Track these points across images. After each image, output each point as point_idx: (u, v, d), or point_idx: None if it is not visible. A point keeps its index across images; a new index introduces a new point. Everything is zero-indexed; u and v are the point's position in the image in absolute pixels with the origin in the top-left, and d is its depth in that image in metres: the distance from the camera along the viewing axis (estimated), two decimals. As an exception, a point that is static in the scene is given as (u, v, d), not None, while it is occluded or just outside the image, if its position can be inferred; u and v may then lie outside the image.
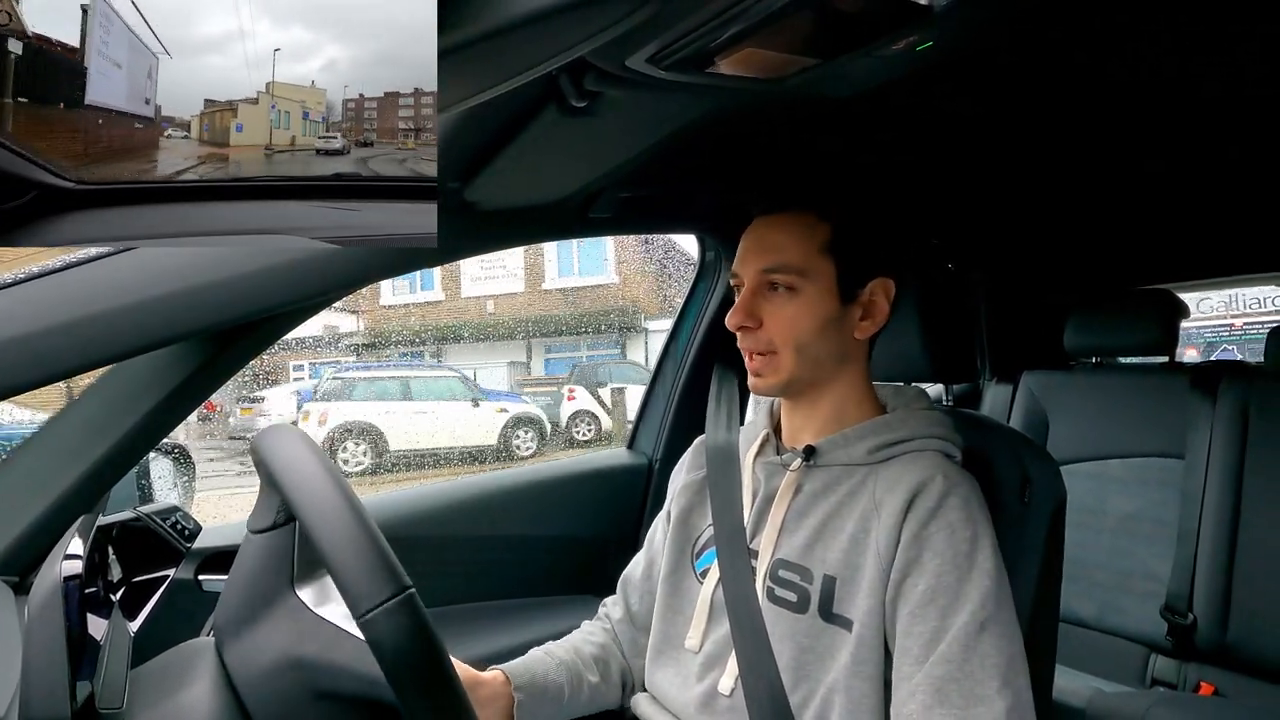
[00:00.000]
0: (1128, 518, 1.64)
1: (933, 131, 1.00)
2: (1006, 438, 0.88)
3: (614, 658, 0.95)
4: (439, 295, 10.79)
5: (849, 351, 0.83)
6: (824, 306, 0.79)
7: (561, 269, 10.63)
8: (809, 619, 0.76)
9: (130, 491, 0.93)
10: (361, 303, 10.45)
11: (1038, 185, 1.34)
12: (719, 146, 0.94)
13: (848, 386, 0.84)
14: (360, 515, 0.52)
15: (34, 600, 0.47)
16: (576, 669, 0.90)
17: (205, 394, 0.88)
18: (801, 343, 0.79)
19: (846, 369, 0.83)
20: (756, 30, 0.54)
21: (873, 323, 0.82)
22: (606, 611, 1.00)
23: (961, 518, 0.72)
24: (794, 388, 0.82)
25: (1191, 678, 1.52)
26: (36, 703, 0.44)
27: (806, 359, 0.80)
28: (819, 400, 0.84)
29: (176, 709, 0.58)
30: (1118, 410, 1.70)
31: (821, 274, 0.79)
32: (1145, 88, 0.88)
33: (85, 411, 0.85)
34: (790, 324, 0.79)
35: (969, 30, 0.59)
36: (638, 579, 0.97)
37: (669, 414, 1.50)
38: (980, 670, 0.66)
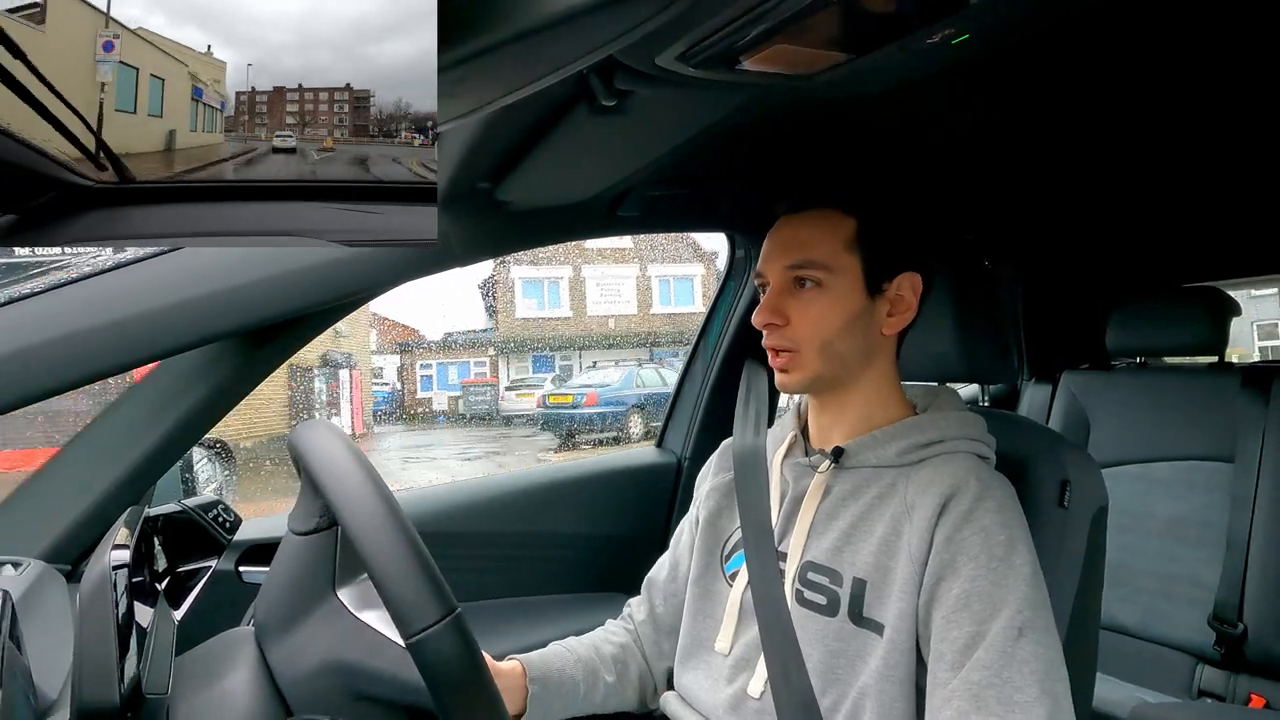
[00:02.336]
0: (1174, 522, 1.59)
1: (967, 125, 0.97)
2: (1045, 439, 0.85)
3: (633, 659, 0.95)
4: (567, 313, 13.81)
5: (875, 348, 0.81)
6: (850, 302, 0.78)
7: (662, 299, 14.58)
8: (839, 622, 0.75)
9: (174, 485, 0.96)
10: (499, 315, 13.46)
11: (1077, 178, 1.31)
12: (748, 144, 0.94)
13: (876, 385, 0.82)
14: (407, 530, 0.53)
15: (85, 588, 0.49)
16: (594, 666, 0.90)
17: (245, 391, 0.90)
18: (827, 339, 0.78)
19: (874, 366, 0.82)
20: (787, 26, 0.53)
21: (900, 318, 0.81)
22: (630, 612, 1.00)
23: (996, 521, 0.70)
24: (819, 385, 0.81)
25: (1241, 689, 1.46)
26: (87, 686, 0.46)
27: (832, 356, 0.79)
28: (847, 399, 0.82)
29: (218, 695, 0.59)
30: (1163, 412, 1.65)
31: (847, 269, 0.78)
32: (1191, 75, 0.85)
33: (133, 407, 0.89)
34: (817, 320, 0.78)
35: (1007, 20, 0.58)
36: (662, 581, 0.97)
37: (698, 413, 1.50)
38: (1019, 676, 0.65)
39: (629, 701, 0.94)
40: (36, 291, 0.73)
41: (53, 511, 0.82)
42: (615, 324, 13.63)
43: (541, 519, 1.37)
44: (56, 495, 0.84)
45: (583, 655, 0.91)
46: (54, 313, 0.73)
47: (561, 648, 0.91)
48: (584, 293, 13.75)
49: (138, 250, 0.78)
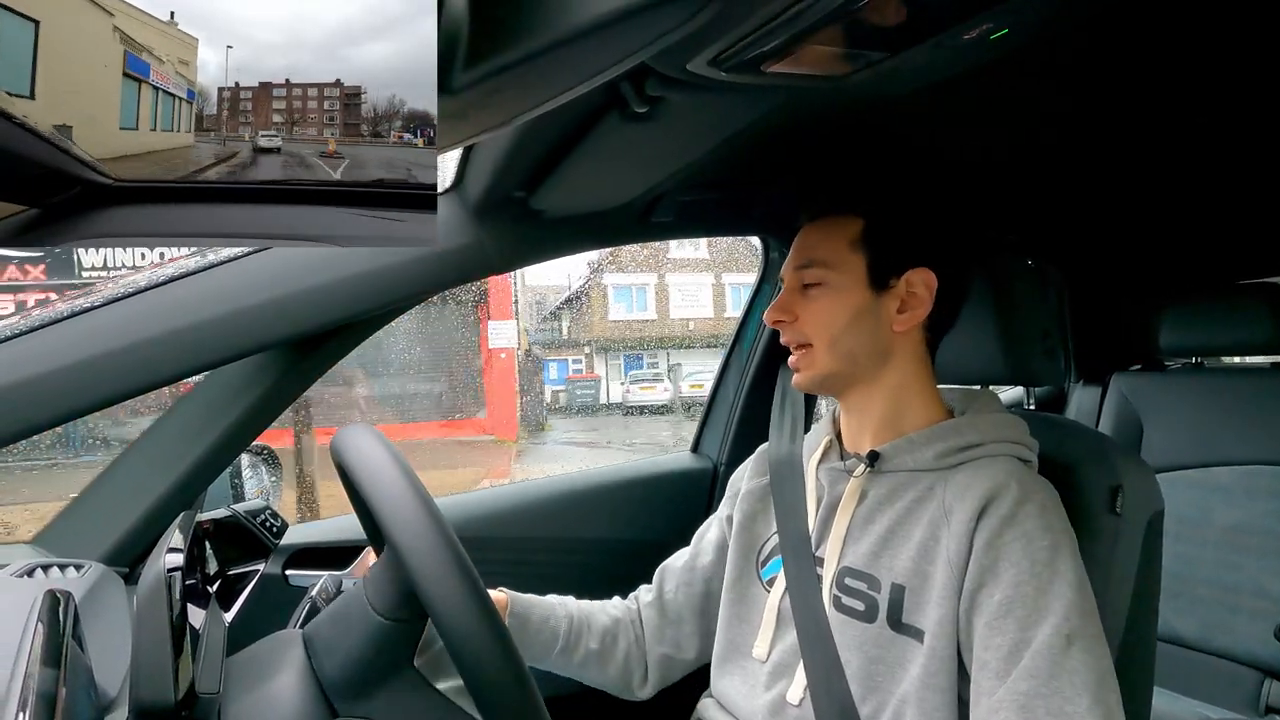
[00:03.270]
0: (1235, 530, 1.52)
1: (1007, 123, 0.95)
2: (1094, 443, 0.83)
3: (625, 637, 0.95)
4: (652, 315, 14.97)
5: (890, 347, 0.80)
6: (854, 297, 0.79)
7: (734, 305, 14.81)
8: (877, 628, 0.74)
9: (224, 490, 0.99)
10: (592, 316, 14.69)
11: (1124, 174, 1.26)
12: (780, 148, 0.93)
13: (900, 386, 0.81)
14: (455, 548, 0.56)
15: (142, 590, 0.50)
16: (580, 630, 0.91)
17: (291, 398, 0.93)
18: (834, 335, 0.79)
19: (893, 366, 0.81)
20: (818, 27, 0.52)
21: (912, 314, 0.80)
22: (637, 594, 1.01)
23: (1039, 526, 0.68)
24: (831, 382, 0.82)
25: (1313, 706, 1.39)
26: (144, 685, 0.48)
27: (840, 352, 0.80)
28: (869, 400, 0.82)
29: (267, 696, 0.61)
30: (1222, 414, 1.58)
31: (851, 266, 0.80)
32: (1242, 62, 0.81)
33: (185, 416, 0.92)
34: (822, 316, 0.80)
35: (1047, 14, 0.56)
36: (678, 569, 0.97)
37: (734, 417, 1.49)
38: (1069, 687, 0.62)
39: (609, 679, 0.94)
40: (96, 305, 0.77)
41: (111, 516, 0.86)
42: (694, 326, 14.76)
43: (576, 525, 1.37)
44: (114, 501, 0.87)
45: (573, 614, 0.92)
46: (115, 325, 0.76)
47: (556, 600, 0.93)
48: (667, 297, 14.94)
49: (186, 264, 0.82)
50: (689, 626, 0.96)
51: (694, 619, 0.95)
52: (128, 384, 0.75)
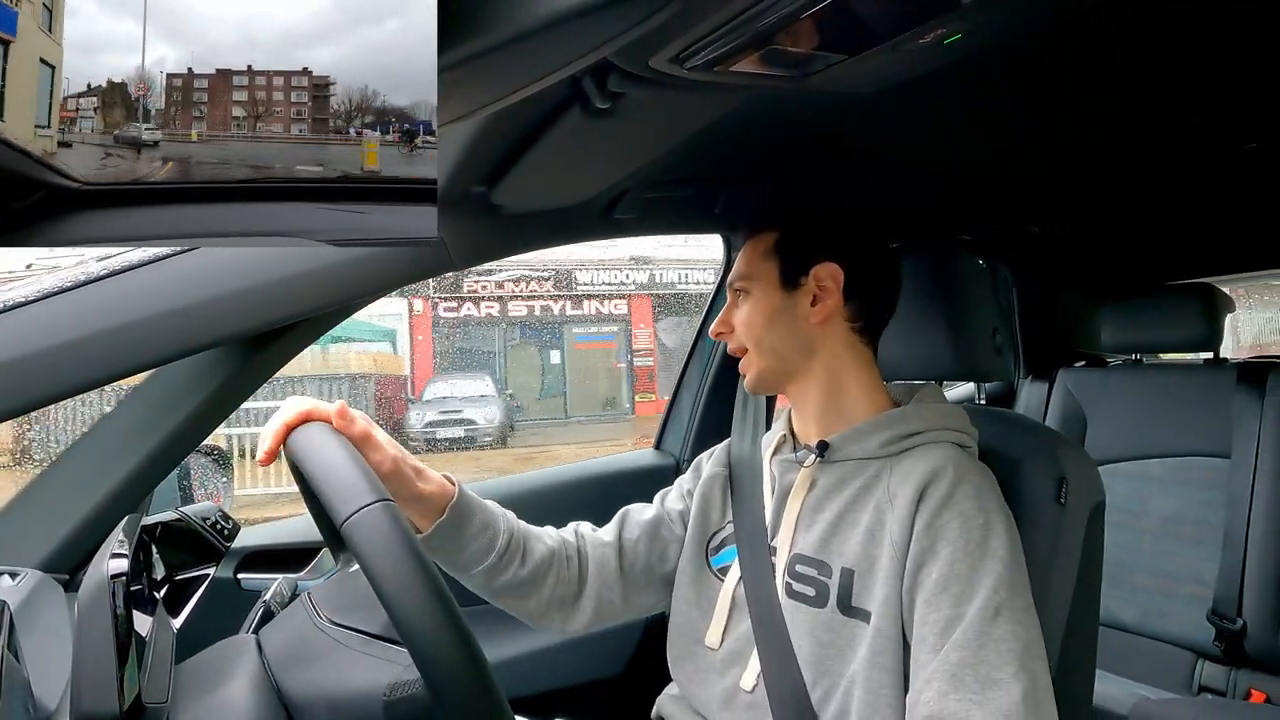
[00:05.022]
0: (1171, 519, 1.60)
1: (962, 125, 0.98)
2: (1041, 437, 0.86)
3: (555, 573, 0.88)
4: None
5: (813, 340, 0.85)
6: (768, 300, 0.85)
7: None
8: (828, 613, 0.76)
9: (172, 492, 0.95)
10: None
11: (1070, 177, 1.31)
12: (743, 146, 0.94)
13: (832, 375, 0.85)
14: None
15: (83, 597, 0.48)
16: (515, 551, 0.85)
17: (242, 397, 0.90)
18: (758, 336, 0.85)
19: (821, 359, 0.85)
20: (779, 28, 0.53)
21: (823, 306, 0.84)
22: (579, 530, 0.95)
23: (974, 506, 0.72)
24: (769, 380, 0.87)
25: (1241, 684, 1.47)
26: (86, 696, 0.46)
27: (765, 351, 0.85)
28: (806, 392, 0.86)
29: (218, 703, 0.59)
30: (1159, 408, 1.66)
31: (765, 273, 0.86)
32: (1181, 73, 0.85)
33: (129, 415, 0.88)
34: (745, 322, 0.86)
35: (999, 20, 0.58)
36: (644, 521, 0.94)
37: (695, 415, 1.50)
38: (995, 655, 0.66)
39: (526, 611, 0.88)
40: (30, 299, 0.73)
41: (50, 521, 0.82)
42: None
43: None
44: (53, 504, 0.83)
45: (514, 531, 0.86)
46: (50, 320, 0.73)
47: (499, 511, 0.86)
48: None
49: (129, 257, 0.78)
50: (642, 579, 0.92)
51: (645, 574, 0.92)
52: (56, 386, 0.72)
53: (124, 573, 0.53)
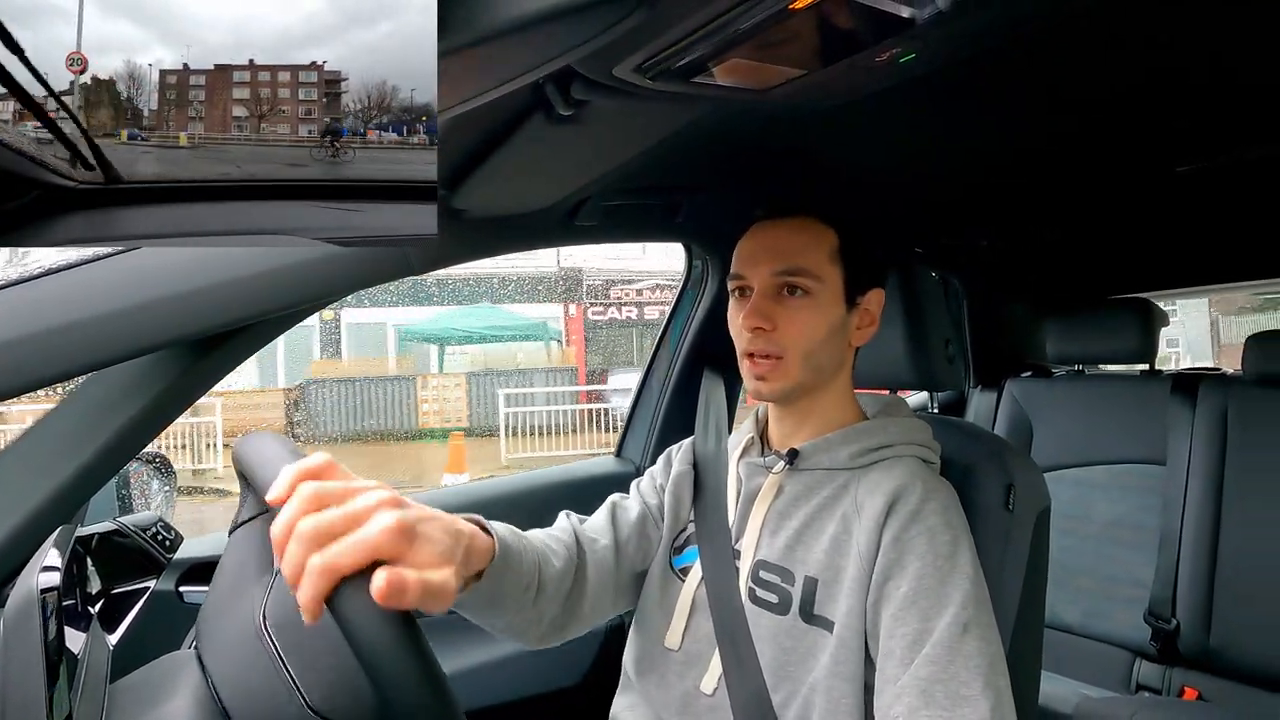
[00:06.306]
0: (1112, 524, 1.66)
1: (916, 141, 1.01)
2: (990, 445, 0.88)
3: (552, 596, 0.78)
4: None
5: (845, 359, 0.85)
6: (833, 312, 0.81)
7: None
8: (790, 620, 0.76)
9: (110, 502, 0.91)
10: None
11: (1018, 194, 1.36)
12: (705, 156, 0.95)
13: (838, 393, 0.86)
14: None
15: (9, 614, 0.46)
16: (532, 580, 0.75)
17: (187, 402, 0.87)
18: (810, 348, 0.80)
19: (840, 376, 0.86)
20: (742, 41, 0.54)
21: (865, 331, 0.85)
22: (587, 532, 0.87)
23: (941, 522, 0.73)
24: (797, 394, 0.82)
25: (1175, 682, 1.53)
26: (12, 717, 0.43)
27: (811, 365, 0.81)
28: (813, 406, 0.85)
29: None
30: (1100, 417, 1.72)
31: (832, 280, 0.81)
32: (1124, 96, 0.90)
33: (64, 419, 0.84)
34: (804, 328, 0.79)
35: (951, 42, 0.60)
36: (634, 520, 0.89)
37: (656, 422, 1.50)
38: (964, 671, 0.67)
39: (526, 640, 0.79)
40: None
41: None
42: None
43: None
44: None
45: (539, 564, 0.76)
46: None
47: (520, 544, 0.75)
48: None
49: (70, 255, 0.75)
50: (628, 581, 0.88)
51: (632, 576, 0.89)
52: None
53: (55, 587, 0.50)
